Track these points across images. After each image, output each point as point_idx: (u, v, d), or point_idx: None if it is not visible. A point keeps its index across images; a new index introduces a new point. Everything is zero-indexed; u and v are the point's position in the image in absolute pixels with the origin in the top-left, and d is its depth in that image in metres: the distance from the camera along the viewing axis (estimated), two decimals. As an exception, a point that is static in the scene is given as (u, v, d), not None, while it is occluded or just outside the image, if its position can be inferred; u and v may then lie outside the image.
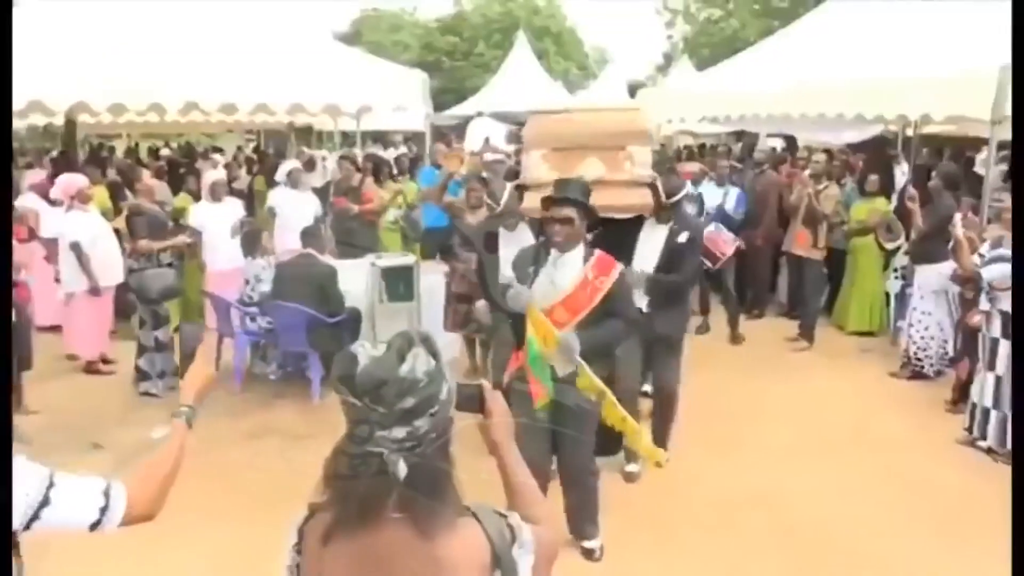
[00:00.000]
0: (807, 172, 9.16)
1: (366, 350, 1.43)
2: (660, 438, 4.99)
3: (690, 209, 5.89)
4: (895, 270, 7.93)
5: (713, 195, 8.40)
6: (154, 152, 18.71)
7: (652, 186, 4.70)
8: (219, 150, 18.75)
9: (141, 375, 6.64)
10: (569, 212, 3.74)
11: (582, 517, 4.15)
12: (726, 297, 8.26)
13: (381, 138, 23.39)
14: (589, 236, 3.99)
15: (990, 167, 7.46)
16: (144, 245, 6.53)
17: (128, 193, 8.49)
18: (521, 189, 4.82)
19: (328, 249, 7.00)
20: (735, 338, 8.16)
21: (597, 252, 3.86)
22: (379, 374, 1.39)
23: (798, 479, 5.13)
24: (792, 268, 8.71)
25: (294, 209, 8.50)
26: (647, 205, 4.71)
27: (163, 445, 2.03)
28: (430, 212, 8.95)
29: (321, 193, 9.87)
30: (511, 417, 1.73)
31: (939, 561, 4.22)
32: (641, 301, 4.75)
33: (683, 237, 4.91)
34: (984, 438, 5.48)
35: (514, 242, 4.89)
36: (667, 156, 12.81)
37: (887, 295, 8.14)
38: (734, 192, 8.51)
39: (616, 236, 4.42)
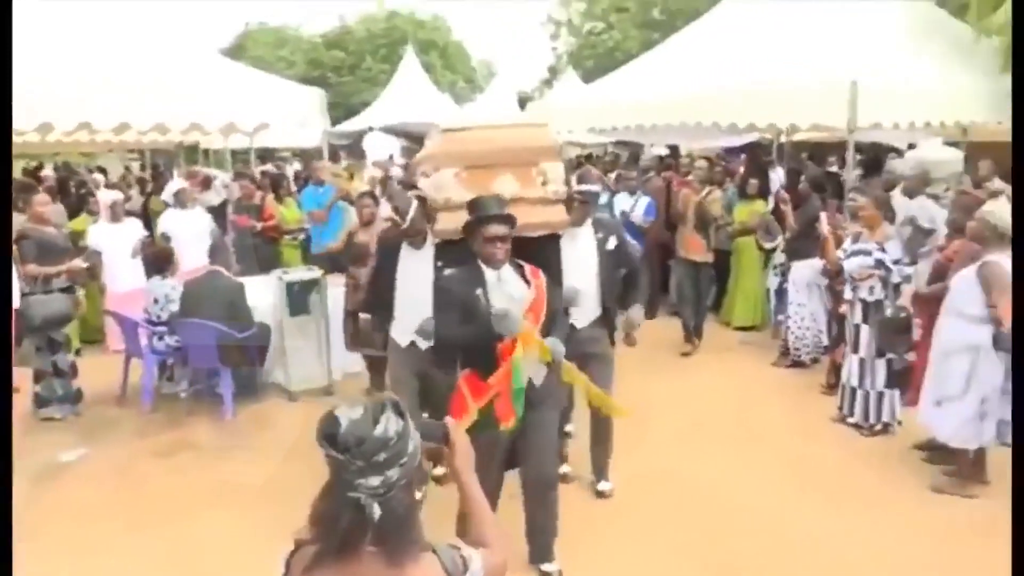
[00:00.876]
0: (690, 178, 9.47)
1: (345, 413, 1.71)
2: (602, 443, 5.07)
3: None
4: (774, 268, 8.54)
5: (623, 203, 8.83)
6: (30, 172, 17.96)
7: (566, 202, 4.64)
8: (102, 170, 18.17)
9: (40, 401, 6.51)
10: (504, 228, 3.80)
11: (543, 539, 4.16)
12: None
13: (268, 156, 23.11)
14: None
15: (849, 171, 8.20)
16: (32, 270, 6.29)
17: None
18: (430, 208, 4.56)
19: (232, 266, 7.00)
20: (629, 339, 8.52)
21: (521, 261, 3.93)
22: (358, 433, 1.68)
23: (695, 461, 5.55)
24: (686, 272, 8.48)
25: (185, 229, 8.46)
26: (563, 222, 4.62)
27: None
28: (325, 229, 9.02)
29: (218, 211, 9.84)
30: (471, 450, 2.04)
31: (818, 522, 4.69)
32: (576, 318, 4.73)
33: (612, 243, 4.87)
34: (852, 415, 6.06)
35: (417, 261, 4.72)
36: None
37: (767, 291, 8.76)
38: (644, 200, 8.82)
39: (529, 254, 4.26)
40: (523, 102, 27.04)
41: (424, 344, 4.57)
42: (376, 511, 1.67)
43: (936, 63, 8.63)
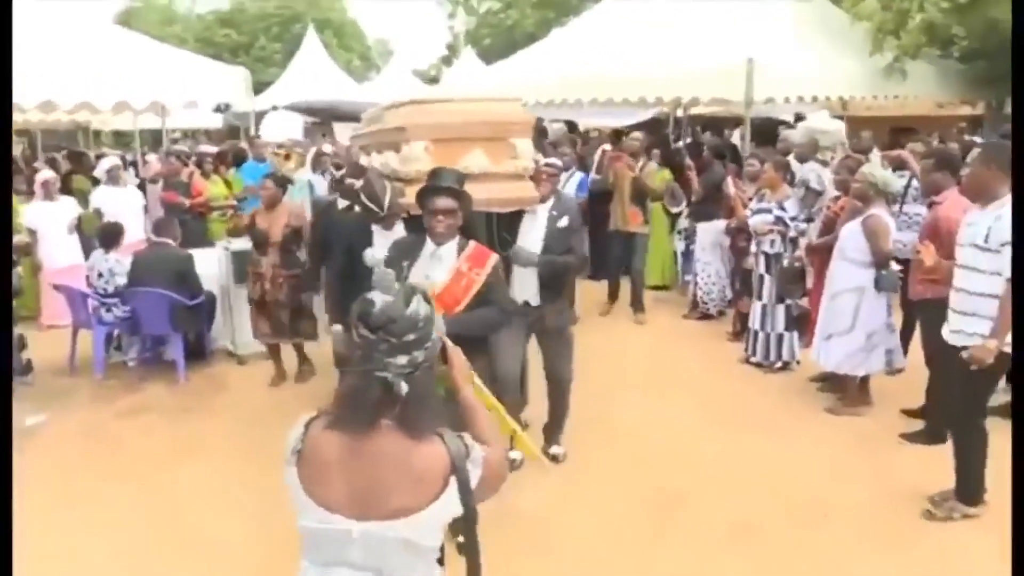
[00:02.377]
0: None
1: (380, 296, 1.87)
2: (555, 426, 5.17)
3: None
4: (679, 232, 9.32)
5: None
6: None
7: (535, 174, 4.69)
8: None
9: (-12, 374, 6.65)
10: (450, 203, 3.66)
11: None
12: None
13: (158, 137, 22.67)
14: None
15: (746, 140, 9.06)
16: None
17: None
18: (399, 182, 4.50)
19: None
20: None
21: (472, 243, 3.79)
22: (391, 313, 1.83)
23: (621, 404, 6.15)
24: (624, 243, 8.48)
25: (119, 205, 8.60)
26: (532, 198, 4.64)
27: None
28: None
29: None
30: (467, 362, 2.23)
31: (729, 446, 5.36)
32: (529, 294, 4.80)
33: (563, 221, 4.84)
34: (756, 355, 6.86)
35: (390, 240, 4.45)
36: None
37: (675, 253, 9.54)
38: (577, 176, 9.18)
39: (496, 229, 4.50)
40: (426, 81, 27.33)
41: None
42: (403, 387, 1.82)
43: (819, 44, 9.59)
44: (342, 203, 5.40)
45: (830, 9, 11.54)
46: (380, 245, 4.46)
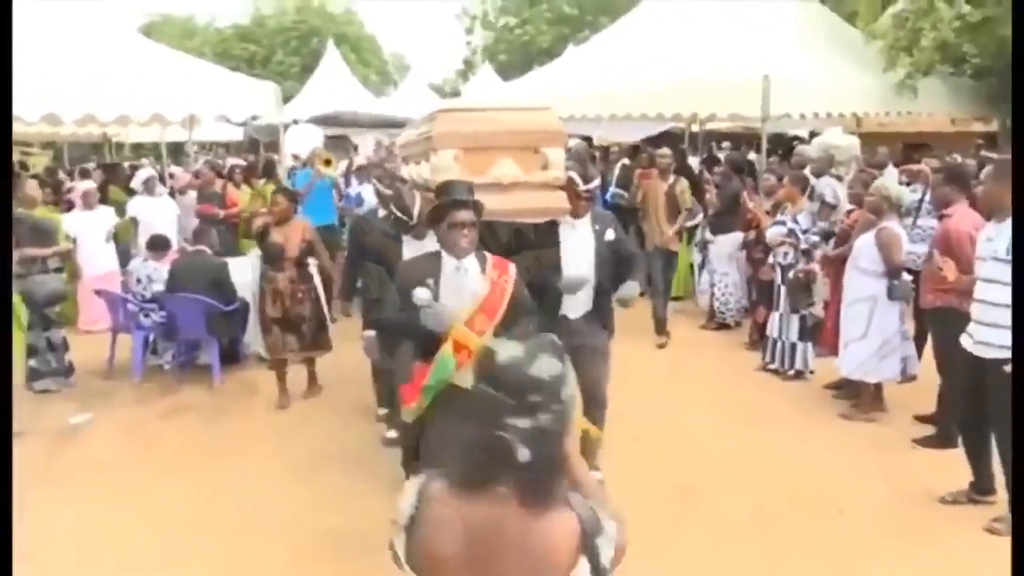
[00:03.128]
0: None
1: (504, 350, 1.69)
2: (592, 450, 4.75)
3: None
4: (695, 244, 9.53)
5: None
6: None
7: (566, 187, 4.54)
8: (24, 166, 17.99)
9: (35, 375, 6.91)
10: (471, 215, 3.60)
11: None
12: None
13: (179, 149, 23.05)
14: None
15: (762, 154, 9.29)
16: (29, 252, 6.70)
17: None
18: (429, 192, 4.29)
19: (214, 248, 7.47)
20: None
21: (487, 253, 3.76)
22: (514, 371, 1.66)
23: (646, 407, 6.34)
24: (660, 262, 8.28)
25: (155, 215, 8.93)
26: (563, 208, 4.50)
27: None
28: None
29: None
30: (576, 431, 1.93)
31: (747, 446, 5.59)
32: (569, 307, 4.65)
33: (610, 234, 4.74)
34: (773, 362, 7.06)
35: (421, 251, 4.31)
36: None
37: (691, 265, 9.75)
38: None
39: (528, 241, 4.36)
40: (443, 96, 27.68)
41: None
42: (524, 453, 1.59)
43: (833, 61, 9.82)
44: (382, 212, 5.44)
45: (844, 27, 11.78)
46: (410, 256, 4.50)
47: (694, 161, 11.83)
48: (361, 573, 3.98)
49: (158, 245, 7.41)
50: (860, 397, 6.12)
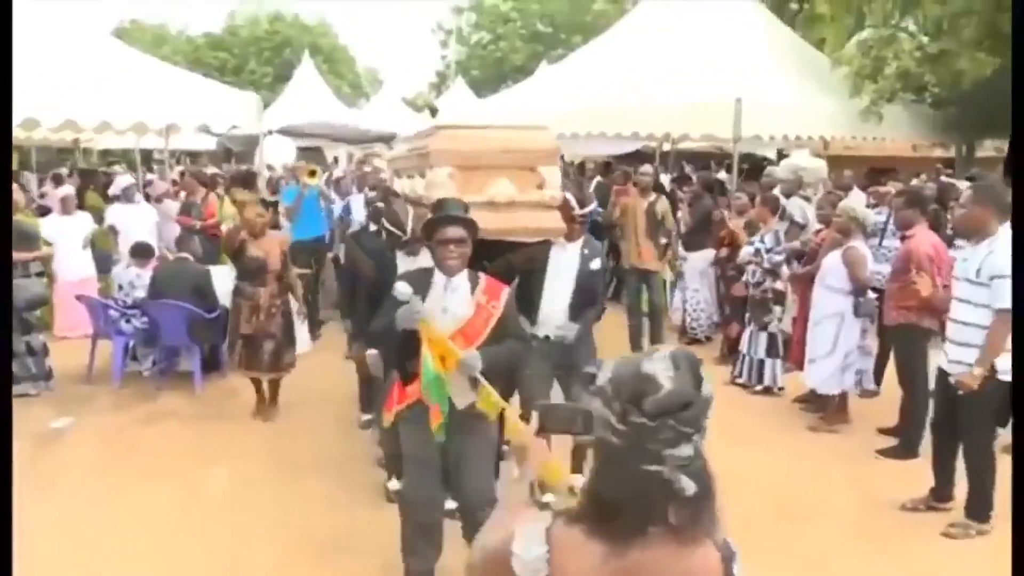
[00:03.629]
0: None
1: (663, 372, 1.46)
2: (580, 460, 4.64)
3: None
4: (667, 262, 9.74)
5: None
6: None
7: (562, 208, 4.53)
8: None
9: (14, 379, 6.90)
10: (462, 232, 3.55)
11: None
12: None
13: (149, 157, 22.93)
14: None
15: (734, 174, 9.59)
16: (12, 256, 6.80)
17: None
18: (422, 208, 4.33)
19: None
20: None
21: (483, 276, 3.71)
22: (684, 395, 1.44)
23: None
24: (637, 282, 8.29)
25: (133, 222, 8.97)
26: (559, 228, 4.48)
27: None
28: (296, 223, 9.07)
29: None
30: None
31: (718, 457, 5.78)
32: (550, 327, 4.66)
33: (596, 264, 4.77)
34: (741, 376, 7.29)
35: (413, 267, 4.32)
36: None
37: (663, 282, 9.94)
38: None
39: (520, 258, 4.35)
40: (416, 110, 27.84)
41: None
42: (689, 485, 1.45)
43: (802, 86, 10.16)
44: (374, 227, 5.42)
45: (812, 53, 12.19)
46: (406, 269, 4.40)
47: (665, 179, 12.13)
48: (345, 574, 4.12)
49: (141, 252, 7.47)
50: (827, 410, 6.36)
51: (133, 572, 4.30)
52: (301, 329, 7.63)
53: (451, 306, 3.55)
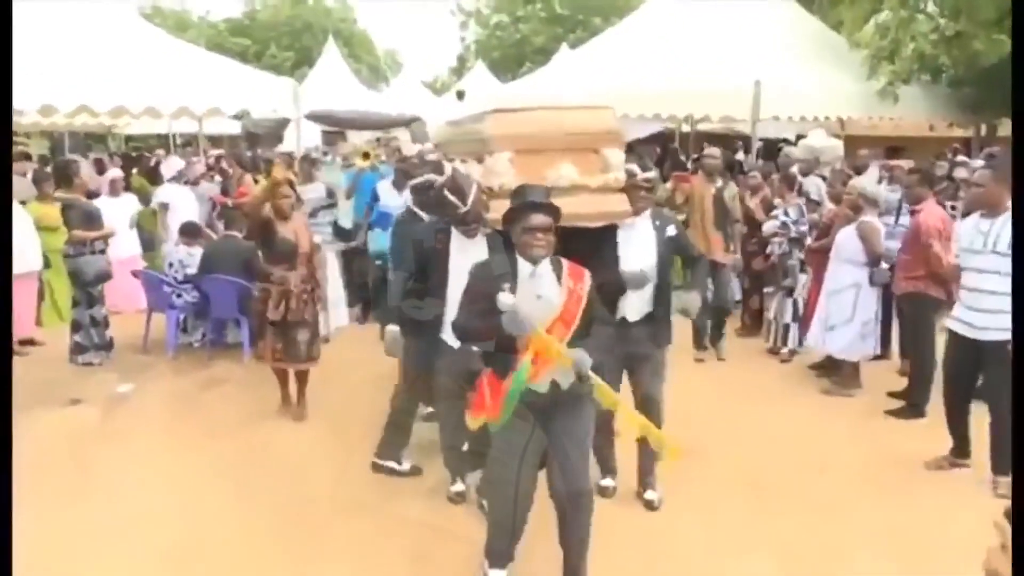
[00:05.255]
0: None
1: None
2: (648, 468, 4.77)
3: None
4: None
5: None
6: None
7: (627, 190, 4.33)
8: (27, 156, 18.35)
9: (79, 348, 7.41)
10: (547, 219, 3.44)
11: (573, 558, 3.75)
12: None
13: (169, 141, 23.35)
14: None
15: (752, 155, 9.94)
16: (79, 234, 7.28)
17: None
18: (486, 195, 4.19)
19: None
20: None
21: (564, 260, 3.58)
22: None
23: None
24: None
25: (181, 202, 9.47)
26: (624, 212, 4.28)
27: None
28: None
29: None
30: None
31: (741, 416, 6.18)
32: (630, 309, 4.44)
33: (671, 230, 4.51)
34: (768, 341, 7.73)
35: (470, 253, 4.16)
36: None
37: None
38: None
39: (585, 245, 4.00)
40: (436, 92, 28.13)
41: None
42: None
43: (820, 68, 10.47)
44: (419, 210, 5.17)
45: (830, 35, 12.46)
46: (459, 255, 4.32)
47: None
48: (395, 526, 4.52)
49: (190, 231, 7.93)
50: (841, 374, 6.74)
51: (206, 521, 4.64)
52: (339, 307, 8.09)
53: (545, 293, 3.47)
